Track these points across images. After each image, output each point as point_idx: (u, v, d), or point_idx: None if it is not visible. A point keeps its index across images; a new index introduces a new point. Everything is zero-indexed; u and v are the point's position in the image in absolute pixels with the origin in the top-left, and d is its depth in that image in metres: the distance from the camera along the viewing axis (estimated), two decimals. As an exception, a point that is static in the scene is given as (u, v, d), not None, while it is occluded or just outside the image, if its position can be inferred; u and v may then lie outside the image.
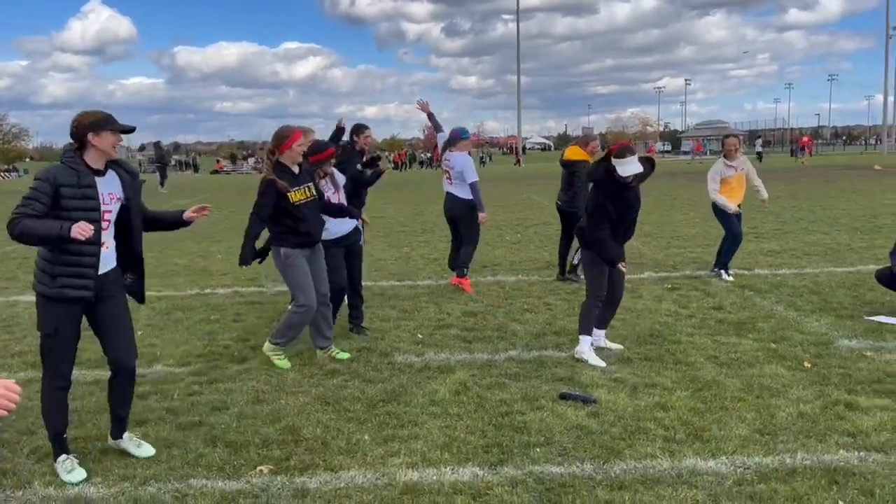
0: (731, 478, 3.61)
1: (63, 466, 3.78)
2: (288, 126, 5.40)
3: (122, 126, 3.73)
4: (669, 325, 6.51)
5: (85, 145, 3.65)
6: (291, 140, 5.26)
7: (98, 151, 3.68)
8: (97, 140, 3.64)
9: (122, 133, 3.74)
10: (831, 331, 6.17)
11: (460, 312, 7.14)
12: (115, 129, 3.68)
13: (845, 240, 11.36)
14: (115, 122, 3.71)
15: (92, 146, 3.65)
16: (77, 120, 3.66)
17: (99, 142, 3.65)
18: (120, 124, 3.72)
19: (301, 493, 3.56)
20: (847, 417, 4.31)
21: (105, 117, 3.69)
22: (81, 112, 3.71)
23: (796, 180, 26.57)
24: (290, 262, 5.37)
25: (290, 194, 5.25)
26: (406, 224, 15.26)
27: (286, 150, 5.27)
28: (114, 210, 3.80)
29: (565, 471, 3.73)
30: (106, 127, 3.66)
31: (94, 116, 3.66)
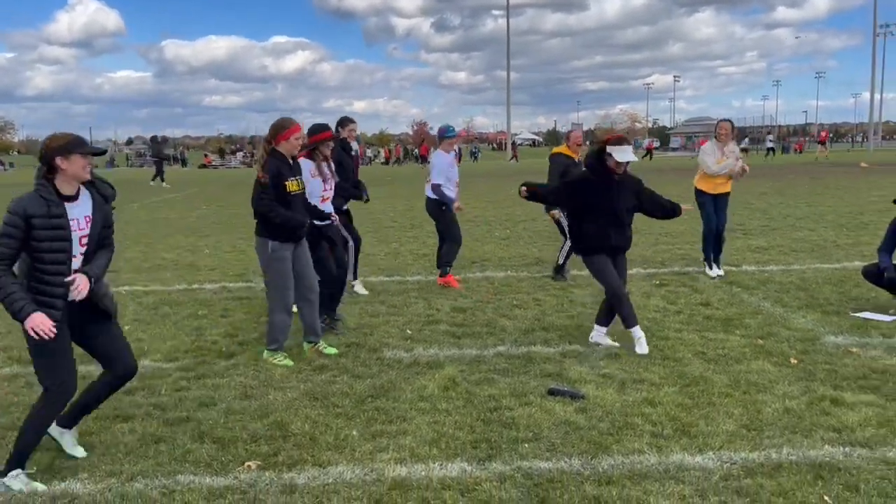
0: (717, 473, 3.64)
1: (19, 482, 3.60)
2: (287, 117, 5.44)
3: (91, 149, 3.62)
4: (657, 321, 6.53)
5: (55, 169, 3.54)
6: (290, 132, 5.31)
7: (68, 176, 3.56)
8: (66, 164, 3.52)
9: (93, 156, 3.63)
10: (817, 327, 6.21)
11: (449, 308, 7.15)
12: (84, 153, 3.57)
13: (831, 236, 11.44)
14: (85, 145, 3.60)
15: (61, 170, 3.53)
16: (45, 144, 3.57)
17: (68, 166, 3.53)
18: (90, 147, 3.62)
19: (289, 489, 3.55)
20: (832, 413, 4.35)
21: (73, 140, 3.57)
22: (50, 135, 3.61)
23: (783, 177, 26.72)
24: (276, 257, 5.35)
25: (288, 183, 5.28)
26: (395, 219, 15.24)
27: (283, 140, 5.31)
28: (91, 231, 3.68)
29: (553, 466, 3.74)
30: (74, 150, 3.53)
31: (62, 140, 3.55)
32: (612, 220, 5.64)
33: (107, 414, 4.51)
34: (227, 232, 13.52)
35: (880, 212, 14.58)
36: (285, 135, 5.29)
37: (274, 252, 5.35)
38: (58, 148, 3.51)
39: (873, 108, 68.14)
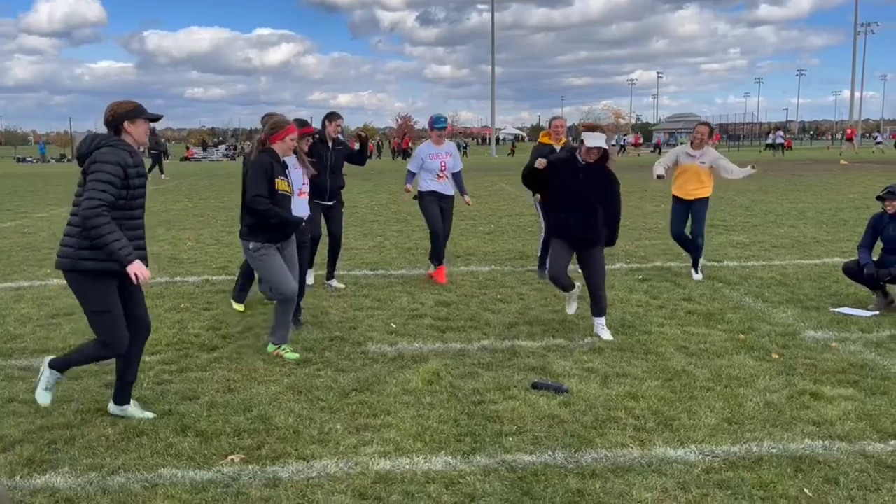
0: (699, 466, 3.67)
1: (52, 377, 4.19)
2: (283, 117, 5.47)
3: (152, 115, 4.07)
4: (640, 315, 6.57)
5: (120, 133, 3.96)
6: (286, 132, 5.30)
7: (132, 139, 3.98)
8: (132, 128, 3.97)
9: (152, 121, 4.10)
10: (798, 322, 6.28)
11: (434, 302, 7.15)
12: (147, 118, 4.02)
13: (812, 233, 11.56)
14: (147, 111, 4.04)
15: (127, 133, 3.97)
16: (113, 109, 3.96)
17: (133, 130, 3.97)
18: (150, 113, 4.05)
19: (273, 483, 3.54)
20: (812, 407, 4.40)
21: (138, 107, 4.01)
22: (115, 102, 4.00)
23: (764, 174, 26.95)
24: (260, 255, 5.29)
25: (278, 181, 5.24)
26: (380, 213, 15.20)
27: (278, 140, 5.29)
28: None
29: (537, 459, 3.76)
30: (140, 116, 3.98)
31: (128, 106, 3.98)
32: (579, 207, 5.69)
33: (88, 407, 4.47)
34: (210, 225, 13.43)
35: (859, 209, 14.76)
36: (281, 135, 5.28)
37: (256, 252, 5.29)
38: (125, 113, 3.95)
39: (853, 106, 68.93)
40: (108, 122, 3.96)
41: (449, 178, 8.10)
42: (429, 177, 8.04)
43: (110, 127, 3.96)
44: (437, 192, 8.06)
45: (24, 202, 19.41)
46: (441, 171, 8.03)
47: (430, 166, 8.00)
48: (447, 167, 8.05)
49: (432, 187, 8.04)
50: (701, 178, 8.02)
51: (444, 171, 8.05)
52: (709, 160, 8.03)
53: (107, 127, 3.98)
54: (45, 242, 11.60)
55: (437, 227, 8.03)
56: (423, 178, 8.09)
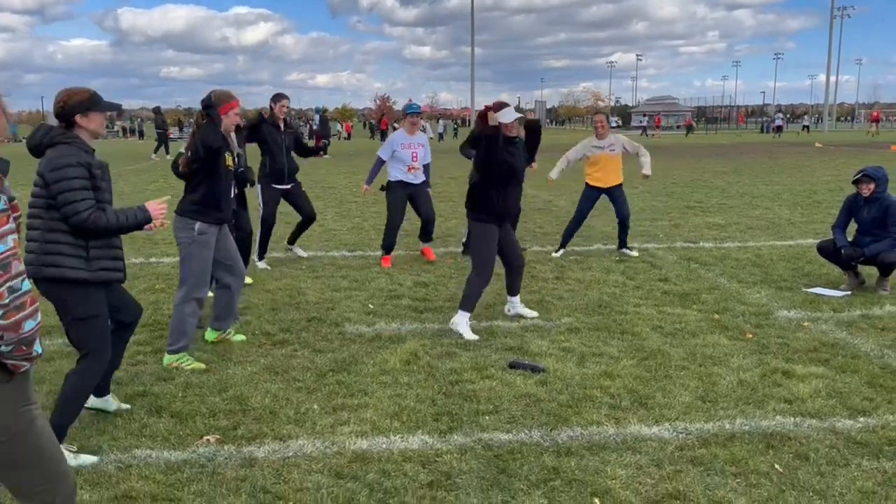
0: (673, 443, 3.71)
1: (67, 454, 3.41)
2: (225, 91, 5.03)
3: (108, 105, 3.58)
4: (617, 296, 6.62)
5: (73, 126, 3.47)
6: (229, 106, 4.92)
7: (87, 133, 3.52)
8: (85, 122, 3.49)
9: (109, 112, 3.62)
10: (771, 302, 6.36)
11: (412, 283, 7.14)
12: (102, 109, 3.53)
13: (786, 215, 11.69)
14: (102, 102, 3.55)
15: (80, 128, 3.49)
16: (63, 100, 3.47)
17: (87, 123, 3.49)
18: (106, 103, 3.57)
19: (249, 462, 3.53)
20: (784, 385, 4.47)
21: (92, 96, 3.51)
22: (67, 90, 3.50)
23: (739, 157, 27.18)
24: (202, 241, 4.83)
25: (227, 156, 4.90)
26: (358, 195, 15.11)
27: (222, 114, 4.90)
28: None
29: (514, 438, 3.78)
30: (93, 108, 3.49)
31: (81, 96, 3.47)
32: (514, 185, 5.59)
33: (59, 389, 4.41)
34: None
35: (832, 191, 14.94)
36: (224, 109, 4.90)
37: (201, 234, 4.82)
38: (77, 104, 3.45)
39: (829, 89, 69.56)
40: (59, 114, 3.47)
41: (420, 168, 7.91)
42: (399, 167, 7.87)
43: (61, 119, 3.48)
44: (405, 182, 7.89)
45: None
46: (412, 161, 7.83)
47: (402, 156, 7.84)
48: (418, 157, 7.87)
49: (401, 176, 7.88)
50: (615, 165, 8.22)
51: (416, 161, 7.84)
52: (618, 148, 8.23)
53: (57, 119, 3.49)
54: (16, 223, 11.40)
55: (396, 223, 7.96)
56: (392, 168, 7.92)
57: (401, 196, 7.95)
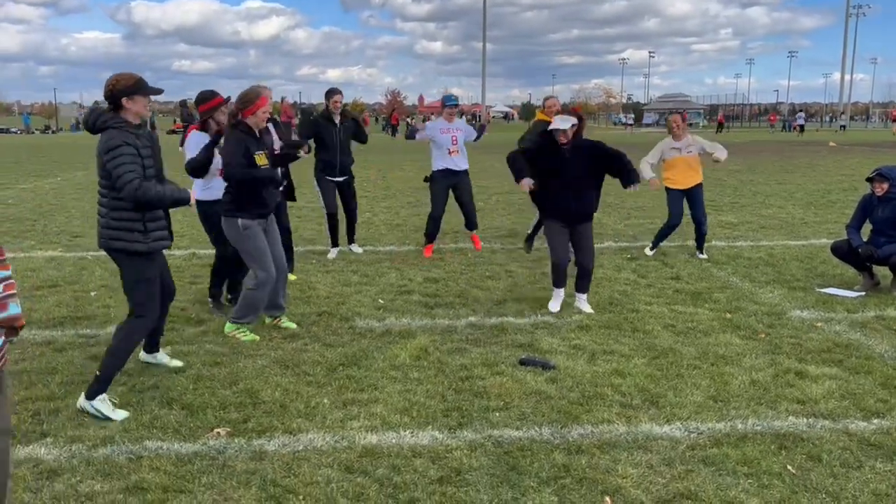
0: (684, 442, 3.69)
1: (108, 405, 3.96)
2: (254, 89, 5.11)
3: (153, 89, 4.01)
4: (628, 293, 6.59)
5: (120, 108, 3.92)
6: (257, 105, 5.02)
7: (131, 115, 3.94)
8: (130, 104, 3.92)
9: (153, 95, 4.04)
10: (784, 302, 6.31)
11: (422, 278, 7.13)
12: (146, 93, 3.96)
13: (800, 214, 11.61)
14: (146, 87, 3.98)
15: (126, 110, 3.92)
16: (112, 84, 3.90)
17: (132, 106, 3.92)
18: (150, 88, 3.99)
19: (259, 456, 3.53)
20: (797, 385, 4.43)
21: (138, 81, 3.94)
22: (115, 76, 3.94)
23: (754, 155, 27.01)
24: (248, 234, 5.12)
25: (256, 157, 5.03)
26: (368, 189, 15.12)
27: (250, 114, 5.02)
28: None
29: (524, 435, 3.77)
30: (139, 92, 3.93)
31: (127, 81, 3.91)
32: (567, 187, 5.80)
33: (72, 379, 4.44)
34: (197, 198, 13.30)
35: (846, 190, 14.83)
36: (253, 108, 5.00)
37: (245, 230, 5.11)
38: (124, 89, 3.89)
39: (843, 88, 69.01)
40: (107, 96, 3.92)
41: (461, 152, 8.14)
42: (440, 153, 8.08)
43: (109, 101, 3.92)
44: (450, 170, 8.10)
45: (7, 174, 19.17)
46: (452, 145, 8.08)
47: (442, 141, 8.05)
48: (458, 141, 8.13)
49: (445, 164, 8.09)
50: (692, 166, 8.01)
51: (455, 145, 8.10)
52: (696, 148, 8.01)
53: (106, 101, 3.94)
54: (28, 214, 11.47)
55: (438, 213, 8.18)
56: (435, 156, 8.12)
57: (444, 186, 8.16)
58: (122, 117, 3.92)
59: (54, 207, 12.23)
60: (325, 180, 7.92)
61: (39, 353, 4.94)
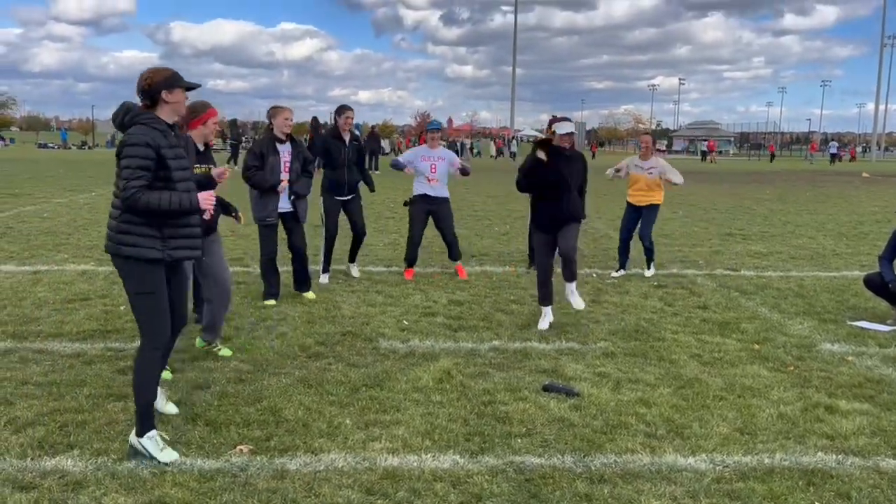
0: (709, 475, 3.63)
1: (155, 443, 3.67)
2: (201, 102, 5.02)
3: (190, 84, 3.78)
4: (654, 322, 6.53)
5: (157, 103, 3.65)
6: (203, 118, 4.96)
7: (170, 108, 3.69)
8: (170, 97, 3.66)
9: (188, 90, 3.79)
10: (814, 334, 6.21)
11: (446, 301, 7.13)
12: (184, 86, 3.72)
13: (831, 245, 11.44)
14: (184, 80, 3.74)
15: (164, 103, 3.66)
16: (149, 77, 3.64)
17: (172, 98, 3.66)
18: (187, 82, 3.77)
19: (280, 475, 3.54)
20: (826, 420, 4.34)
21: (175, 74, 3.71)
22: (151, 69, 3.69)
23: (783, 184, 26.72)
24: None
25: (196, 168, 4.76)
26: (396, 210, 15.20)
27: (199, 125, 4.95)
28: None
29: (546, 462, 3.73)
30: (177, 84, 3.68)
31: (165, 73, 3.67)
32: (566, 190, 6.09)
33: (100, 392, 4.50)
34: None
35: (879, 222, 14.59)
36: (202, 118, 4.94)
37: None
38: (163, 81, 3.62)
39: (877, 118, 68.15)
40: (145, 90, 3.62)
41: (440, 182, 8.15)
42: (420, 179, 8.16)
43: (146, 97, 3.63)
44: (428, 196, 8.13)
45: (44, 187, 19.61)
46: (430, 173, 8.08)
47: (421, 168, 8.13)
48: (437, 171, 8.11)
49: (423, 190, 8.15)
50: (651, 187, 8.41)
51: (434, 173, 8.09)
52: (657, 171, 8.38)
53: (142, 97, 3.65)
54: (63, 227, 11.70)
55: (415, 238, 8.22)
56: (415, 181, 8.21)
57: (421, 210, 8.19)
58: (156, 115, 3.65)
59: (88, 222, 12.47)
60: (330, 199, 7.73)
61: (69, 365, 5.01)
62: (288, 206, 6.80)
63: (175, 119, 3.77)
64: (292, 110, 6.78)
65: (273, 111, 6.68)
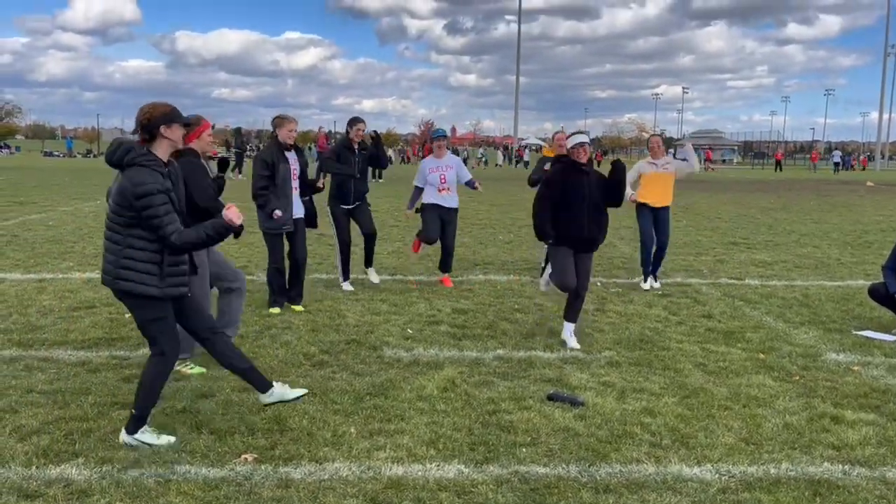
0: (715, 485, 3.62)
1: (150, 434, 3.91)
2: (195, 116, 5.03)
3: (185, 119, 3.91)
4: (659, 331, 6.52)
5: (155, 137, 3.73)
6: (201, 129, 5.01)
7: (168, 144, 3.77)
8: (169, 132, 3.74)
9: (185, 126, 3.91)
10: (819, 343, 6.19)
11: (451, 309, 7.13)
12: (182, 122, 3.83)
13: (836, 254, 11.41)
14: (182, 116, 3.85)
15: (163, 138, 3.74)
16: (148, 112, 3.72)
17: (170, 133, 3.75)
18: (184, 117, 3.88)
19: (285, 483, 3.54)
20: (833, 430, 4.33)
21: (174, 110, 3.80)
22: (149, 104, 3.78)
23: (787, 193, 26.70)
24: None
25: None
26: (400, 219, 15.22)
27: (194, 138, 4.97)
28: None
29: (551, 472, 3.72)
30: (176, 120, 3.77)
31: (164, 109, 3.76)
32: (586, 211, 5.82)
33: (105, 401, 4.51)
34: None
35: (884, 231, 14.56)
36: (197, 132, 4.97)
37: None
38: (161, 116, 3.72)
39: (881, 127, 68.10)
40: (144, 125, 3.71)
41: (451, 190, 8.19)
42: (431, 190, 8.19)
43: (145, 131, 3.71)
44: (438, 205, 8.18)
45: (49, 196, 19.68)
46: (441, 184, 8.12)
47: (431, 180, 8.16)
48: (447, 180, 8.14)
49: (434, 199, 8.19)
50: (667, 183, 8.34)
51: (444, 183, 8.13)
52: (672, 166, 8.36)
53: (140, 131, 3.73)
54: (69, 236, 11.74)
55: (432, 237, 8.22)
56: (426, 191, 8.24)
57: (434, 215, 8.22)
58: (153, 153, 3.71)
59: (93, 230, 12.51)
60: (338, 208, 7.79)
61: (74, 373, 5.02)
62: (298, 213, 6.85)
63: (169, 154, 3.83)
64: (297, 121, 6.85)
65: (278, 121, 6.73)
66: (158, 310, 3.83)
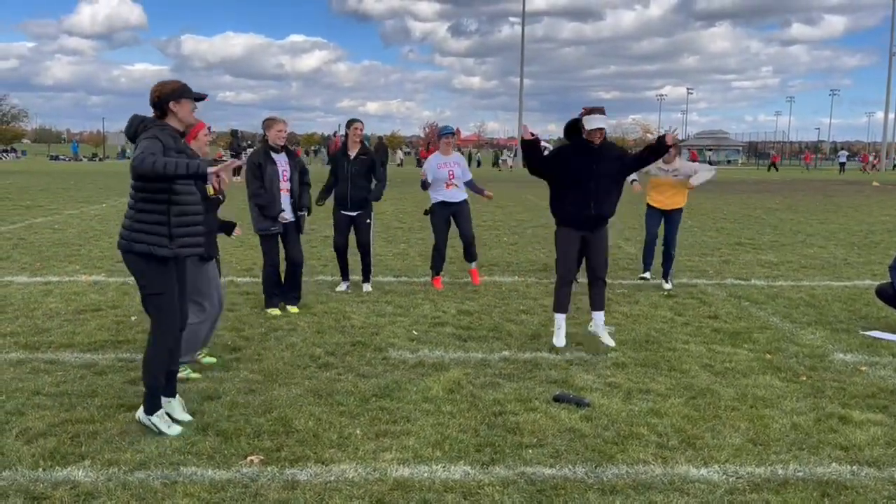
0: (722, 486, 3.60)
1: (163, 420, 4.06)
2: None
3: (197, 94, 4.04)
4: (665, 331, 6.50)
5: (166, 113, 3.92)
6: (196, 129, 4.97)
7: (177, 119, 3.95)
8: (178, 108, 3.92)
9: (196, 101, 4.04)
10: (826, 344, 6.17)
11: (456, 311, 7.13)
12: (191, 97, 3.98)
13: (842, 254, 11.37)
14: (192, 91, 4.00)
15: (173, 114, 3.93)
16: (158, 90, 3.92)
17: (179, 109, 3.93)
18: (195, 93, 4.03)
19: (291, 485, 3.53)
20: (840, 431, 4.31)
21: (183, 86, 3.96)
22: (160, 82, 3.95)
23: (793, 193, 26.62)
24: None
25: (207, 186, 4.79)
26: (404, 221, 15.24)
27: (191, 140, 4.92)
28: None
29: (557, 473, 3.71)
30: (185, 95, 3.94)
31: (173, 85, 3.94)
32: (593, 190, 5.75)
33: (111, 403, 4.51)
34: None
35: (890, 231, 14.50)
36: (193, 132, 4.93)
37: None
38: (171, 92, 3.91)
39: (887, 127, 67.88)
40: (154, 102, 3.92)
41: (459, 185, 8.25)
42: (438, 186, 8.22)
43: (156, 108, 3.93)
44: (446, 202, 8.21)
45: (55, 199, 19.74)
46: (449, 179, 8.18)
47: (439, 175, 8.18)
48: (455, 176, 8.20)
49: (441, 197, 8.22)
50: (677, 189, 8.38)
51: (452, 179, 8.20)
52: (683, 172, 8.35)
53: (153, 108, 3.94)
54: (74, 239, 11.77)
55: (440, 245, 8.24)
56: (433, 189, 8.26)
57: (443, 217, 8.24)
58: (166, 123, 3.91)
59: (99, 233, 12.54)
60: (338, 213, 7.81)
61: (80, 375, 5.03)
62: (289, 216, 6.86)
63: (182, 129, 4.03)
64: (287, 122, 6.85)
65: (267, 123, 6.76)
66: (165, 278, 3.95)
